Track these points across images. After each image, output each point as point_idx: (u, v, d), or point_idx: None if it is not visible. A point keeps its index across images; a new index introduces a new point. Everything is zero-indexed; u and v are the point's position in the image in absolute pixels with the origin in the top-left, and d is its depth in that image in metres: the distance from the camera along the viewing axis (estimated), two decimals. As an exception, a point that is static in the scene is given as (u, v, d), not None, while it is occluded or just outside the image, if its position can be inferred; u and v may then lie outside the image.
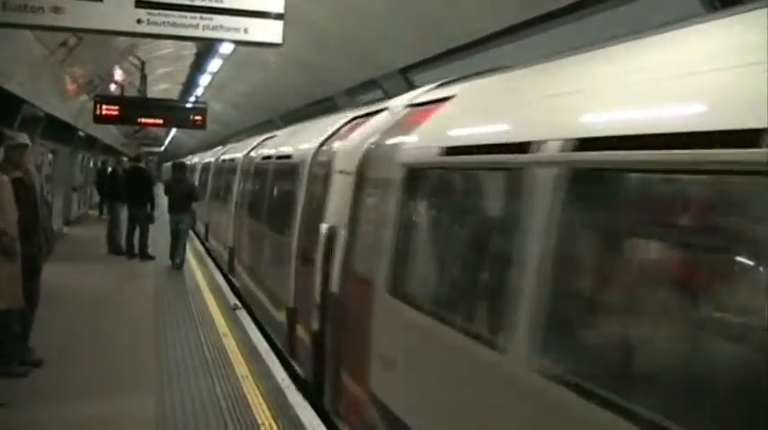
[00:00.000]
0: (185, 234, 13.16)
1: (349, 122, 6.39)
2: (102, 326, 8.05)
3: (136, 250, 13.39)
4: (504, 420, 2.79)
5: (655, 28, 2.78)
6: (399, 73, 10.50)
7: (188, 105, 16.57)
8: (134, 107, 13.93)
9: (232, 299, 10.00)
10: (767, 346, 1.78)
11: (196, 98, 22.70)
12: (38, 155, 11.24)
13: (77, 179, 21.35)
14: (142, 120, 14.13)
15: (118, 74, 17.51)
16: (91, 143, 22.72)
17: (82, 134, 19.01)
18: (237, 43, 7.89)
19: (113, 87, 17.95)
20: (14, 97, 9.71)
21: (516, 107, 3.33)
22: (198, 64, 18.39)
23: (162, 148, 47.71)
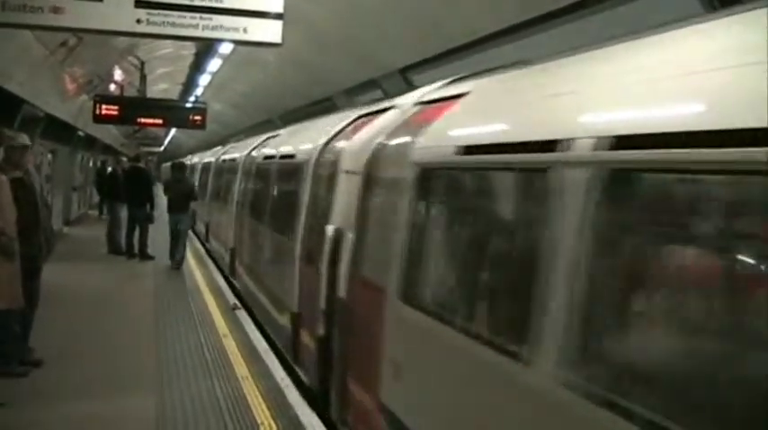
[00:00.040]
0: (185, 234, 13.17)
1: (354, 121, 6.22)
2: (102, 326, 8.05)
3: (135, 250, 13.40)
4: None
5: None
6: (399, 73, 10.49)
7: (188, 105, 16.60)
8: (134, 107, 13.94)
9: (232, 299, 10.00)
10: None
11: (196, 98, 22.70)
12: (37, 155, 11.23)
13: (77, 179, 21.34)
14: (142, 120, 14.14)
15: (117, 74, 17.52)
16: (90, 143, 22.72)
17: (81, 134, 19.01)
18: (237, 43, 7.89)
19: (113, 87, 17.95)
20: (14, 97, 9.71)
21: (540, 103, 3.10)
22: (197, 64, 18.39)
23: (161, 148, 47.71)
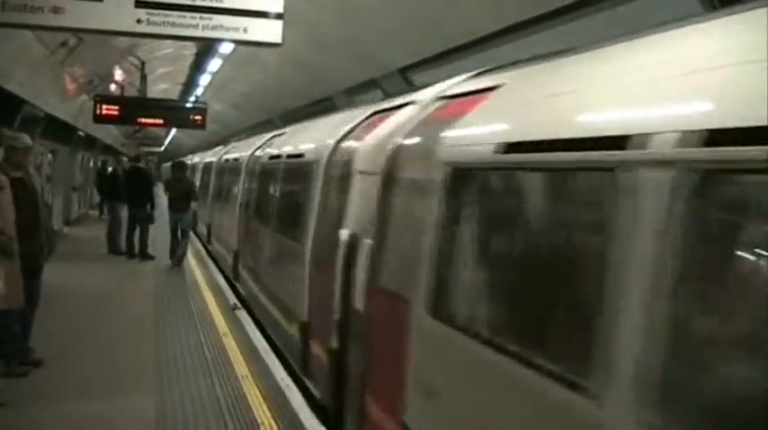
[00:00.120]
0: (187, 233, 13.26)
1: (367, 119, 5.90)
2: (102, 326, 8.05)
3: (136, 250, 13.41)
4: None
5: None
6: (399, 73, 10.50)
7: (188, 105, 16.64)
8: (134, 107, 13.97)
9: (232, 298, 10.01)
10: None
11: (196, 98, 22.73)
12: (38, 155, 11.23)
13: (77, 179, 21.35)
14: (142, 120, 14.17)
15: (118, 74, 17.53)
16: (91, 143, 22.73)
17: (82, 134, 19.02)
18: (237, 43, 7.90)
19: (113, 87, 17.97)
20: (14, 97, 9.71)
21: (602, 94, 2.71)
22: (198, 64, 18.40)
23: (162, 148, 47.73)
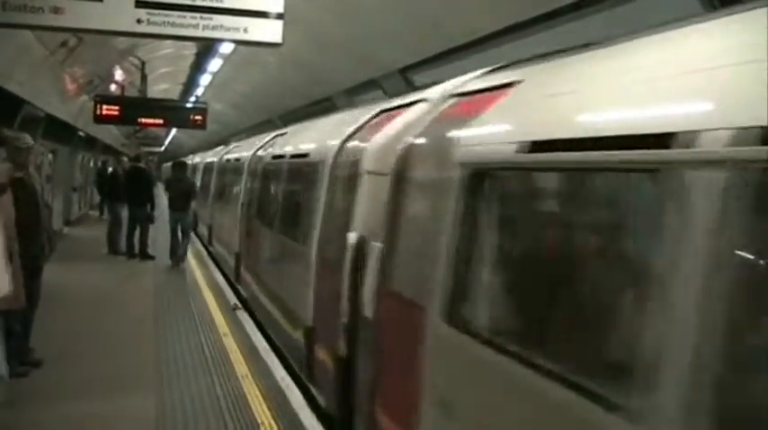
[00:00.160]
0: (188, 233, 13.28)
1: (374, 117, 5.74)
2: (102, 326, 8.04)
3: (136, 250, 13.41)
4: None
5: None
6: (399, 73, 10.51)
7: (188, 105, 16.66)
8: (134, 107, 13.99)
9: (232, 298, 10.01)
10: None
11: (196, 98, 22.77)
12: (38, 155, 11.23)
13: (77, 179, 21.35)
14: (142, 120, 14.19)
15: (118, 74, 17.55)
16: (91, 143, 22.74)
17: (82, 134, 19.04)
18: (237, 43, 7.90)
19: (114, 87, 17.99)
20: (15, 97, 9.72)
21: (636, 89, 2.51)
22: (198, 64, 18.44)
23: (162, 149, 47.76)
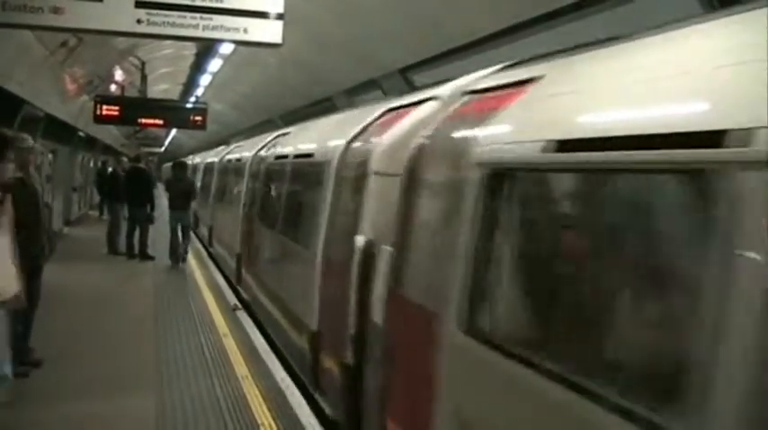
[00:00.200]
0: (188, 232, 13.34)
1: (381, 116, 5.58)
2: (102, 326, 8.05)
3: (136, 250, 13.41)
4: None
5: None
6: (399, 73, 10.51)
7: (188, 105, 16.66)
8: (134, 107, 13.99)
9: (232, 299, 10.00)
10: None
11: (196, 98, 22.76)
12: (38, 155, 11.23)
13: (77, 179, 21.35)
14: (142, 120, 14.18)
15: (118, 74, 17.55)
16: (91, 143, 22.74)
17: (82, 134, 19.03)
18: (237, 43, 7.89)
19: (114, 87, 17.99)
20: (14, 97, 9.72)
21: (672, 83, 2.34)
22: (198, 64, 18.43)
23: (162, 149, 47.73)
